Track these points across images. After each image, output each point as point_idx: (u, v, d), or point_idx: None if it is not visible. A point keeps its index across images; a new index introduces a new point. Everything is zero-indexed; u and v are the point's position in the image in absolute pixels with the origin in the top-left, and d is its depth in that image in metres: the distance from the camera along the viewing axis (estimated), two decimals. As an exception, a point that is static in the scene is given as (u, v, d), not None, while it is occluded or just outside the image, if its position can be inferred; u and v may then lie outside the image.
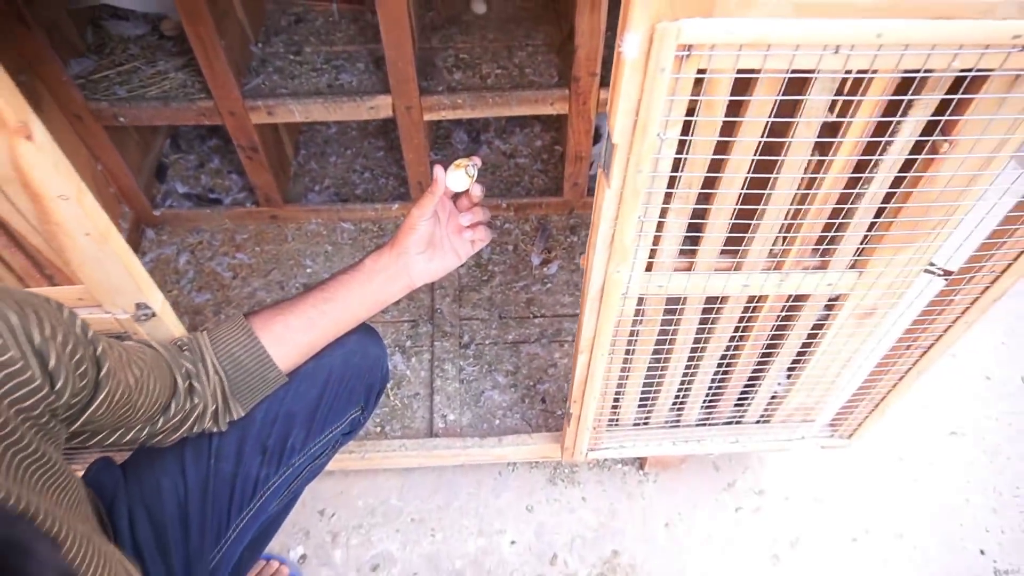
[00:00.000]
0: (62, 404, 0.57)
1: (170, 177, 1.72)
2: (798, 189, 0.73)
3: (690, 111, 0.63)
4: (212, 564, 0.82)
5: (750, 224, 0.78)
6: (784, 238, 0.80)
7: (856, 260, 0.81)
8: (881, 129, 0.66)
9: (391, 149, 1.80)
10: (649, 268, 0.81)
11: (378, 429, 1.32)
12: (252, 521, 0.85)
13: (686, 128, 0.62)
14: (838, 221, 0.77)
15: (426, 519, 1.29)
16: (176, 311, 1.58)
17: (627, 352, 0.95)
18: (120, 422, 0.67)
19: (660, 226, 0.74)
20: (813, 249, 0.81)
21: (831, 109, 0.64)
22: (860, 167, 0.71)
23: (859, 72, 0.59)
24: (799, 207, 0.75)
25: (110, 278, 0.77)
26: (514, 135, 1.83)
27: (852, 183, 0.73)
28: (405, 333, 1.46)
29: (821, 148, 0.69)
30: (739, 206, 0.73)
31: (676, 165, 0.67)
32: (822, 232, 0.79)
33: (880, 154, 0.69)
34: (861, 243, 0.79)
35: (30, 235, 0.73)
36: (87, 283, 0.78)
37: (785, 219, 0.76)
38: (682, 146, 0.64)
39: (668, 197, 0.71)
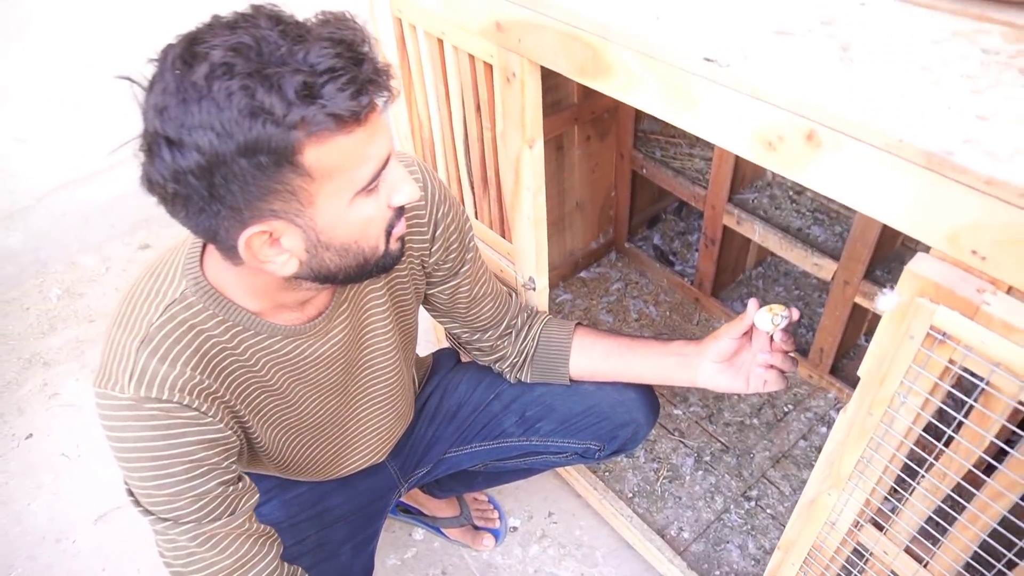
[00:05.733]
0: (431, 263, 0.92)
1: (656, 228, 2.08)
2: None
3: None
4: (442, 456, 1.14)
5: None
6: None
7: None
8: None
9: (833, 312, 1.82)
10: (879, 527, 0.78)
11: (630, 495, 1.46)
12: (483, 454, 1.13)
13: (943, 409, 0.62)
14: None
15: (607, 588, 1.40)
16: (580, 315, 1.95)
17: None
18: (453, 314, 1.01)
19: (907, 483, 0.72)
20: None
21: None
22: None
23: None
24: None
25: (525, 252, 1.11)
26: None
27: None
28: (711, 449, 1.54)
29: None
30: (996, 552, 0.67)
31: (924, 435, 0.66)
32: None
33: None
34: None
35: (506, 199, 1.11)
36: (515, 246, 1.14)
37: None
38: (935, 430, 0.64)
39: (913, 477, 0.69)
